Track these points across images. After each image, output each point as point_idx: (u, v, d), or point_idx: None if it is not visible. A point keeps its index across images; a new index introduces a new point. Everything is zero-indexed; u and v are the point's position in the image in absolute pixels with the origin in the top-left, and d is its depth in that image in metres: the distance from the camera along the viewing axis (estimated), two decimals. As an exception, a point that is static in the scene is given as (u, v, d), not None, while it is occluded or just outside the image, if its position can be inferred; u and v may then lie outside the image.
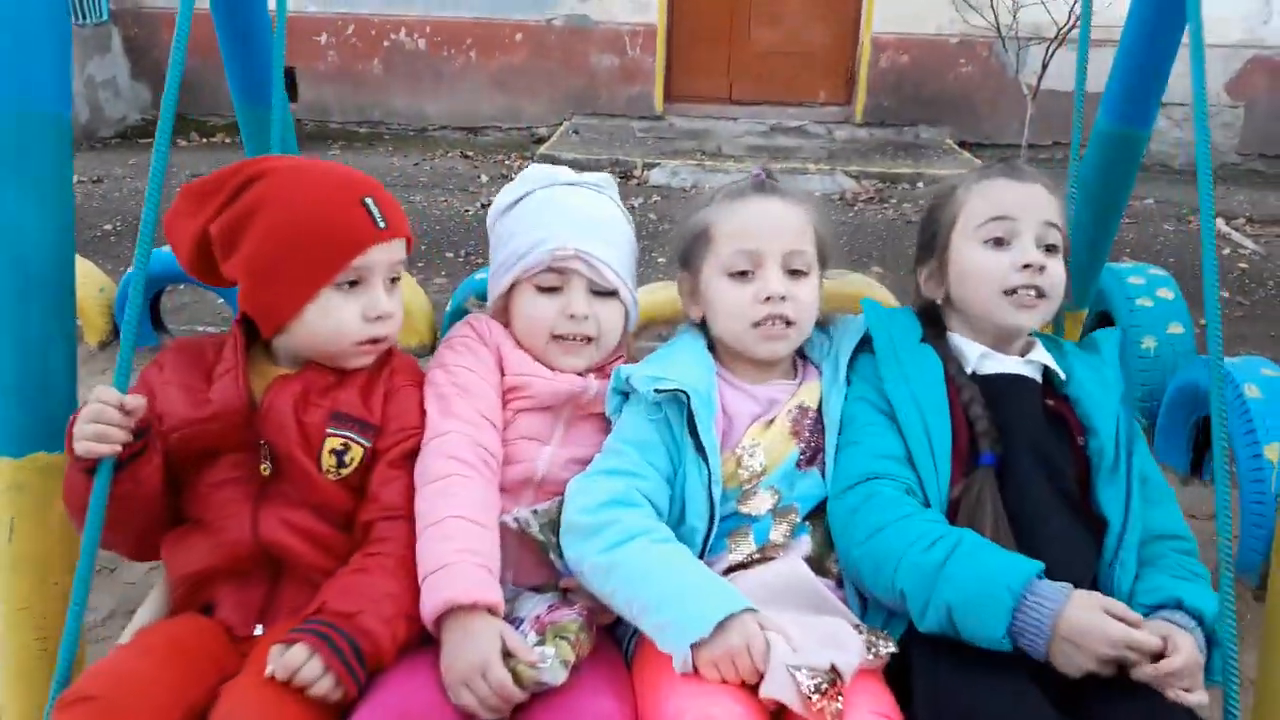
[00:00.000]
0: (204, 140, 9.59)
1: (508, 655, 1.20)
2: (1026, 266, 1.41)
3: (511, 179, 1.66)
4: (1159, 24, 2.03)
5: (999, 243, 1.44)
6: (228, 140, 9.64)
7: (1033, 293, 1.42)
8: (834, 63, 9.63)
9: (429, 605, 1.23)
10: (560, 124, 9.62)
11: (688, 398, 1.37)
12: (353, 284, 1.37)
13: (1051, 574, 1.23)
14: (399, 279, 1.46)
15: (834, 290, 1.63)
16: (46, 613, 1.59)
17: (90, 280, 4.34)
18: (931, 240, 1.53)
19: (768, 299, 1.43)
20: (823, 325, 1.59)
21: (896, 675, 1.26)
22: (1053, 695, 1.16)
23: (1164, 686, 1.16)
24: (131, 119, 9.93)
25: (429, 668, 1.21)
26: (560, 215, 1.49)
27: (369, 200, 1.38)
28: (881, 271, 5.46)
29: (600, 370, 1.54)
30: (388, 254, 1.40)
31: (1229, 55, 9.08)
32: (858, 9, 9.40)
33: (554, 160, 8.32)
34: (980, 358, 1.48)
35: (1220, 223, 7.48)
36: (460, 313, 3.00)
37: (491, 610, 1.23)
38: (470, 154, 9.08)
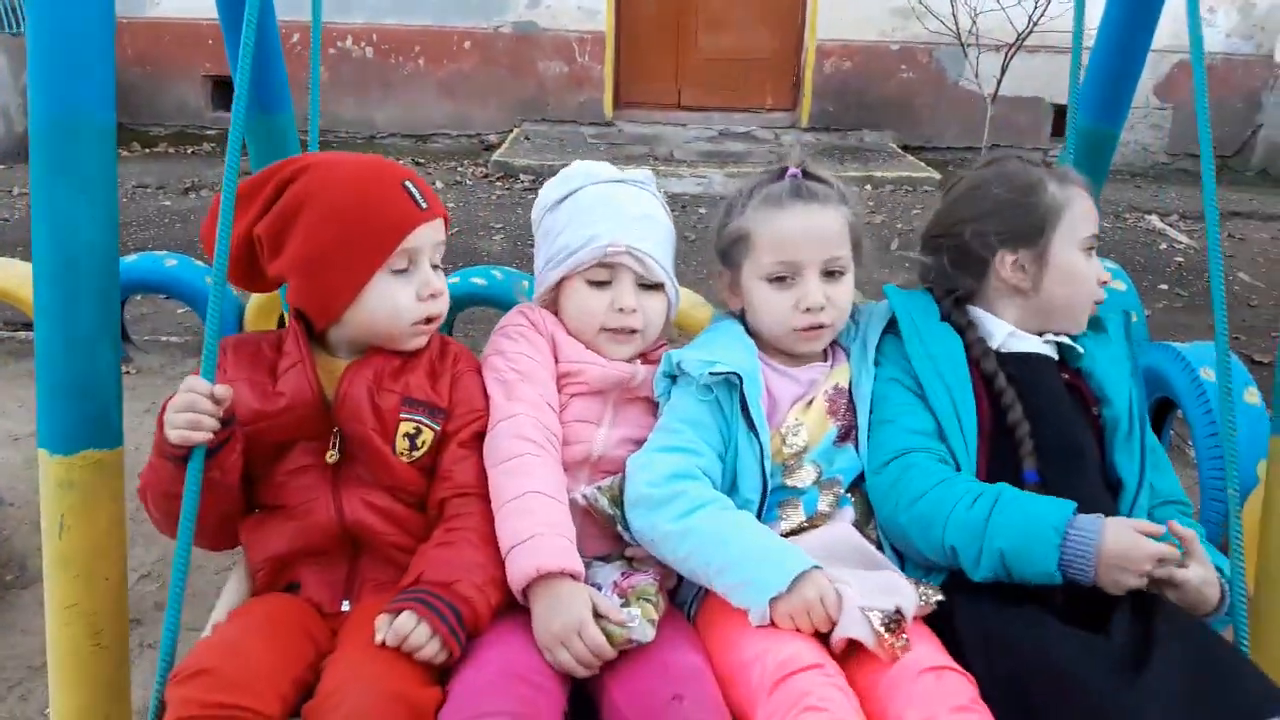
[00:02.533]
0: (146, 150, 9.44)
1: (598, 617, 1.28)
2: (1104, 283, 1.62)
3: (465, 184, 1.69)
4: (1132, 28, 2.16)
5: (1088, 252, 1.64)
6: (170, 150, 9.51)
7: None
8: (780, 69, 9.81)
9: (517, 574, 1.30)
10: (510, 130, 9.65)
11: (740, 380, 1.46)
12: (404, 269, 1.43)
13: None
14: (441, 260, 1.51)
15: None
16: (97, 610, 1.61)
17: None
18: (1033, 232, 1.60)
19: (808, 310, 1.52)
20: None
21: (935, 624, 1.38)
22: (1074, 621, 1.32)
23: (1166, 571, 1.32)
24: (70, 129, 9.72)
25: (523, 629, 1.29)
26: (611, 212, 1.57)
27: (408, 183, 1.44)
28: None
29: (645, 357, 1.63)
30: (432, 233, 1.45)
31: (1156, 59, 9.45)
32: (802, 16, 9.58)
33: (508, 166, 8.36)
34: (1008, 336, 1.59)
35: (1155, 219, 7.79)
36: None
37: (574, 577, 1.31)
38: (421, 161, 9.06)
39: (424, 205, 1.44)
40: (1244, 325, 5.51)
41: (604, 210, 1.57)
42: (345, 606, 1.41)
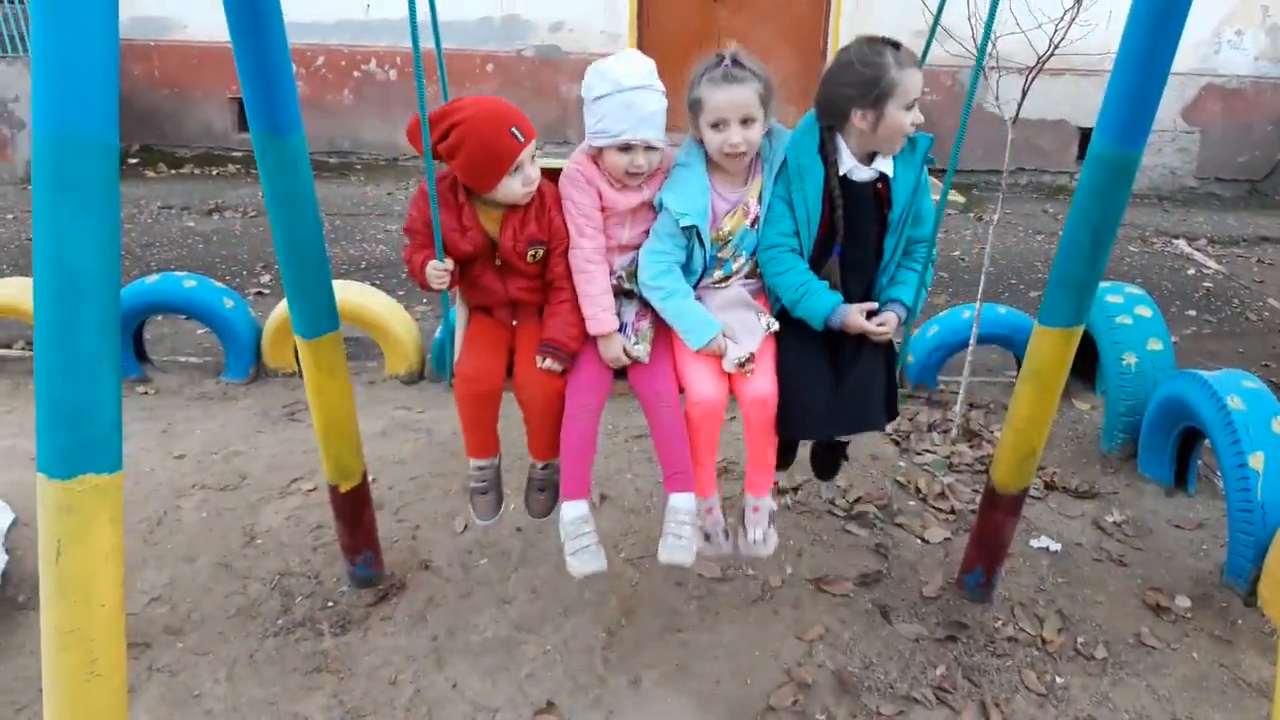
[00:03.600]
0: (172, 171, 9.55)
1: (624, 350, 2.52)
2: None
3: None
4: (1152, 49, 2.11)
5: (909, 109, 2.34)
6: (195, 171, 9.61)
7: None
8: (802, 90, 9.73)
9: (591, 329, 2.50)
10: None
11: (698, 228, 2.48)
12: (515, 169, 2.38)
13: (852, 285, 2.49)
14: (535, 155, 2.45)
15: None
16: (95, 635, 1.58)
17: (395, 315, 4.76)
18: (877, 99, 2.32)
19: (732, 144, 2.38)
20: (766, 132, 2.52)
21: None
22: (834, 343, 2.50)
23: (875, 337, 2.47)
24: (99, 151, 9.83)
25: (595, 351, 2.53)
26: (632, 114, 2.38)
27: (514, 129, 2.35)
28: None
29: (649, 179, 2.53)
30: (528, 151, 2.40)
31: (1183, 83, 9.38)
32: (824, 36, 9.60)
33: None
34: (852, 167, 2.43)
35: (1183, 244, 7.69)
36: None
37: (615, 330, 2.51)
38: (444, 183, 9.08)
39: (522, 139, 2.36)
40: (1274, 353, 5.42)
41: (628, 113, 2.38)
42: (514, 322, 2.64)
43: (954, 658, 2.82)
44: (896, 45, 2.38)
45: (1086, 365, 4.43)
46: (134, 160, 9.76)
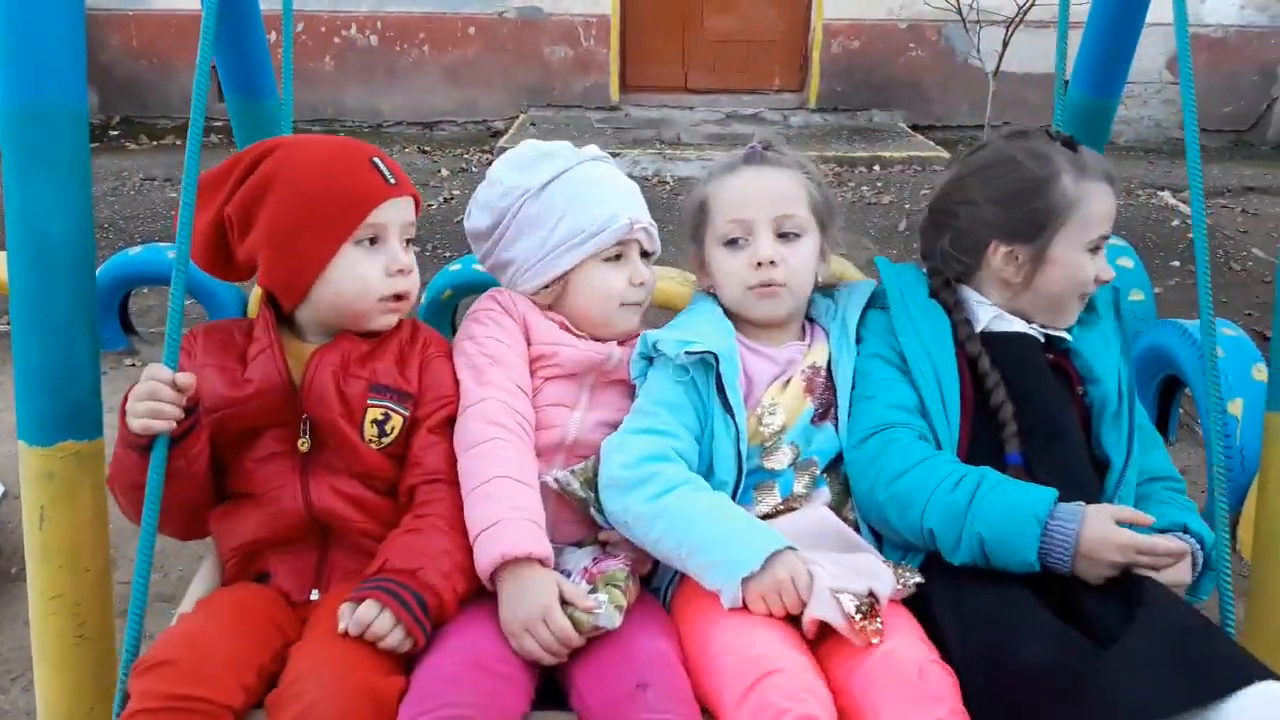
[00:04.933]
0: (154, 143, 9.45)
1: (564, 603, 1.25)
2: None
3: (471, 171, 1.70)
4: (1127, -4, 2.11)
5: (1093, 252, 1.56)
6: (178, 142, 9.50)
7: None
8: (787, 50, 9.72)
9: (484, 559, 1.27)
10: (516, 116, 9.61)
11: (716, 360, 1.44)
12: (372, 241, 1.41)
13: None
14: (412, 240, 1.49)
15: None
16: (80, 599, 1.61)
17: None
18: (1034, 229, 1.51)
19: (759, 265, 1.50)
20: (827, 290, 1.66)
21: (911, 606, 1.36)
22: (1052, 604, 1.30)
23: (1157, 569, 1.31)
24: (78, 123, 9.75)
25: (490, 617, 1.25)
26: (613, 190, 1.53)
27: (377, 160, 1.42)
28: (846, 253, 5.56)
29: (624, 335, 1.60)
30: (400, 211, 1.43)
31: (1168, 34, 9.27)
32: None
33: (513, 153, 8.31)
34: (993, 318, 1.54)
35: (1168, 195, 7.70)
36: (433, 306, 3.00)
37: (543, 562, 1.28)
38: (428, 149, 9.04)
39: (392, 181, 1.42)
40: (1258, 302, 5.44)
41: (607, 189, 1.53)
42: (314, 596, 1.39)
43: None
44: (1073, 145, 1.53)
45: (1070, 318, 4.45)
46: (115, 133, 9.67)
